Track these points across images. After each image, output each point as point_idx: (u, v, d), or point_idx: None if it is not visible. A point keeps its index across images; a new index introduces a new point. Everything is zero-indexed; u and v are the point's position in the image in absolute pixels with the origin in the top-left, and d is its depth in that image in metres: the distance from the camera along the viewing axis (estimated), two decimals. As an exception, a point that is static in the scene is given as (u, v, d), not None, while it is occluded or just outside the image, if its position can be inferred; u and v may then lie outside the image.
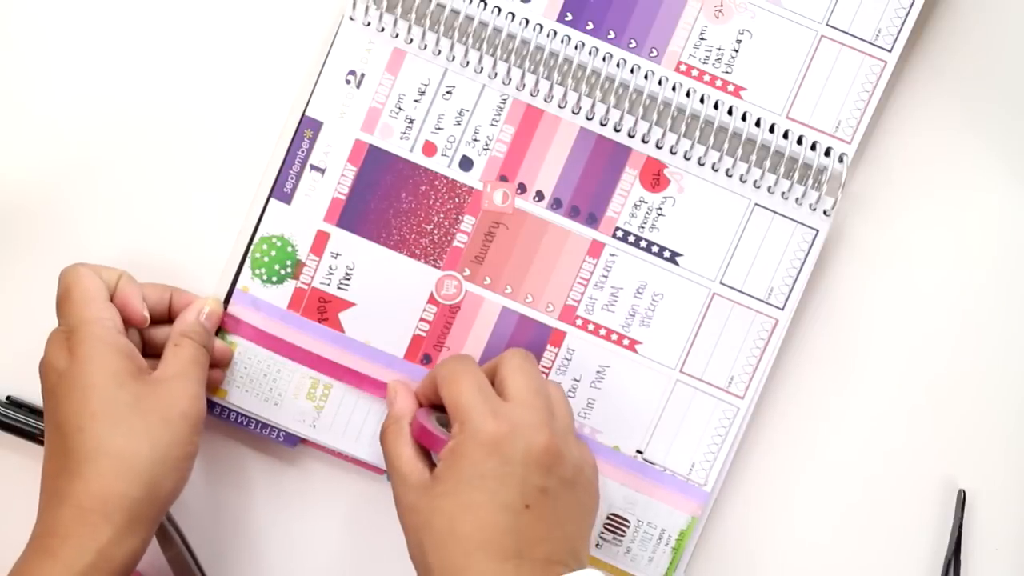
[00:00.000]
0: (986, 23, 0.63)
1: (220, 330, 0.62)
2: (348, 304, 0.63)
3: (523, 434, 0.54)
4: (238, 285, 0.62)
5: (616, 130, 0.61)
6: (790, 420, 0.64)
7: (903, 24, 0.61)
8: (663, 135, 0.61)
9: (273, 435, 0.63)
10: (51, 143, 0.64)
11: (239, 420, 0.63)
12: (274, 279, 0.62)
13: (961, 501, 0.63)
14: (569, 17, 0.62)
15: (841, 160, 0.61)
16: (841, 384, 0.64)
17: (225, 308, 0.63)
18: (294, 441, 0.63)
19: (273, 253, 0.62)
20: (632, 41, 0.62)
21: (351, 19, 0.61)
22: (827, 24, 0.61)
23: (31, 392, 0.64)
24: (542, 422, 0.55)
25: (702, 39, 0.62)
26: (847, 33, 0.61)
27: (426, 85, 0.62)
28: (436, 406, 0.60)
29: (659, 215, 0.62)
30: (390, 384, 0.61)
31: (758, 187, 0.61)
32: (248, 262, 0.62)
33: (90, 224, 0.64)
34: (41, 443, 0.63)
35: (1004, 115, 0.63)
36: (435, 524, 0.54)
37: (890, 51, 0.61)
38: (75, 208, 0.64)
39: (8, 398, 0.64)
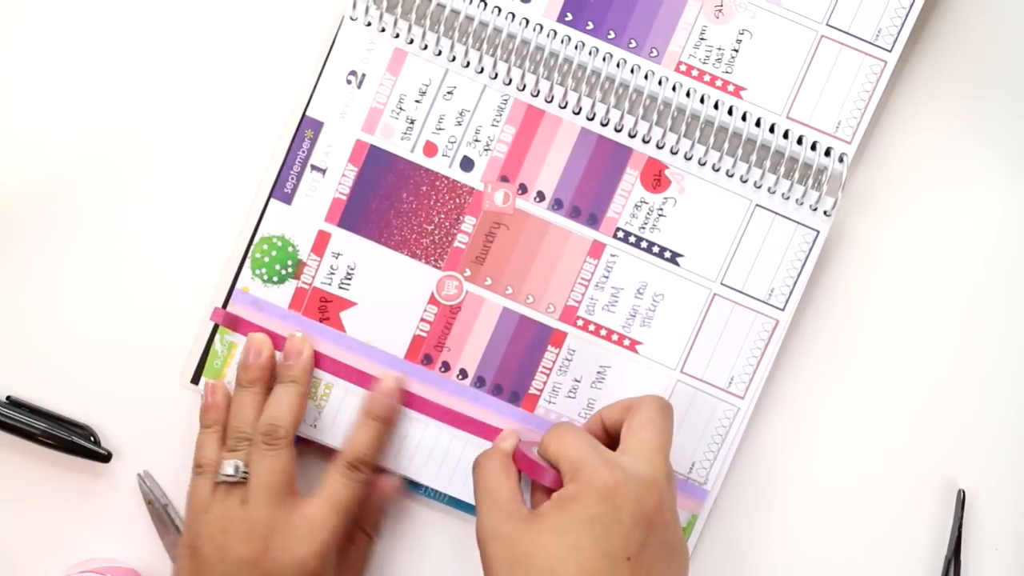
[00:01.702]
0: (986, 23, 0.63)
1: (220, 329, 0.62)
2: (349, 304, 0.63)
3: (636, 487, 0.53)
4: (238, 285, 0.62)
5: (617, 130, 0.62)
6: (790, 420, 0.64)
7: (903, 24, 0.61)
8: (663, 135, 0.61)
9: (273, 435, 0.64)
10: (52, 143, 0.64)
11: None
12: (275, 279, 0.62)
13: (961, 501, 0.63)
14: (569, 17, 0.62)
15: (841, 160, 0.61)
16: (841, 384, 0.64)
17: (225, 307, 0.63)
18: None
19: (274, 253, 0.62)
20: (632, 41, 0.62)
21: (352, 19, 0.61)
22: (827, 24, 0.61)
23: (31, 392, 0.64)
24: (656, 482, 0.54)
25: (702, 39, 0.62)
26: (847, 33, 0.61)
27: (427, 86, 0.62)
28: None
29: (660, 216, 0.62)
30: (503, 432, 0.62)
31: (759, 187, 0.61)
32: (248, 262, 0.62)
33: (90, 224, 0.64)
34: (41, 443, 0.63)
35: (1004, 115, 0.63)
36: (536, 561, 0.53)
37: (890, 51, 0.61)
38: (75, 209, 0.64)
39: (8, 398, 0.64)
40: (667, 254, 0.62)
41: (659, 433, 0.56)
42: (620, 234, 0.62)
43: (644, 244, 0.62)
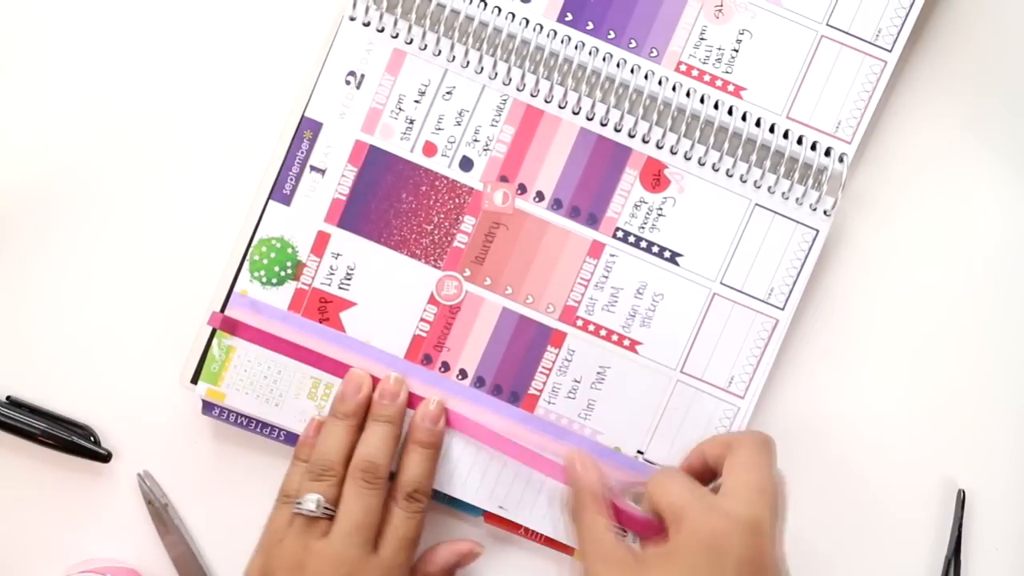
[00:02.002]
0: (986, 23, 0.63)
1: (218, 333, 0.62)
2: (349, 304, 0.63)
3: (741, 534, 0.52)
4: (237, 288, 0.62)
5: (616, 130, 0.61)
6: (790, 420, 0.64)
7: (903, 24, 0.61)
8: (663, 135, 0.61)
9: (274, 435, 0.63)
10: (51, 144, 0.64)
11: (239, 421, 0.63)
12: (273, 281, 0.62)
13: (961, 501, 0.63)
14: (569, 17, 0.62)
15: (841, 160, 0.61)
16: (840, 384, 0.64)
17: (223, 311, 0.63)
18: (295, 440, 0.63)
19: (272, 255, 0.62)
20: (632, 41, 0.62)
21: (351, 19, 0.61)
22: (827, 24, 0.61)
23: (31, 392, 0.64)
24: (760, 525, 0.52)
25: (702, 39, 0.62)
26: (847, 33, 0.61)
27: (426, 86, 0.62)
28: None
29: (659, 215, 0.62)
30: (568, 454, 0.60)
31: (758, 187, 0.61)
32: (246, 264, 0.62)
33: (89, 225, 0.64)
34: (41, 443, 0.63)
35: (1004, 114, 0.63)
36: None
37: (890, 51, 0.61)
38: (75, 209, 0.64)
39: (8, 398, 0.64)
40: (667, 254, 0.62)
41: (761, 472, 0.54)
42: (619, 234, 0.62)
43: (643, 244, 0.62)
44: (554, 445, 0.62)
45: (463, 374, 0.63)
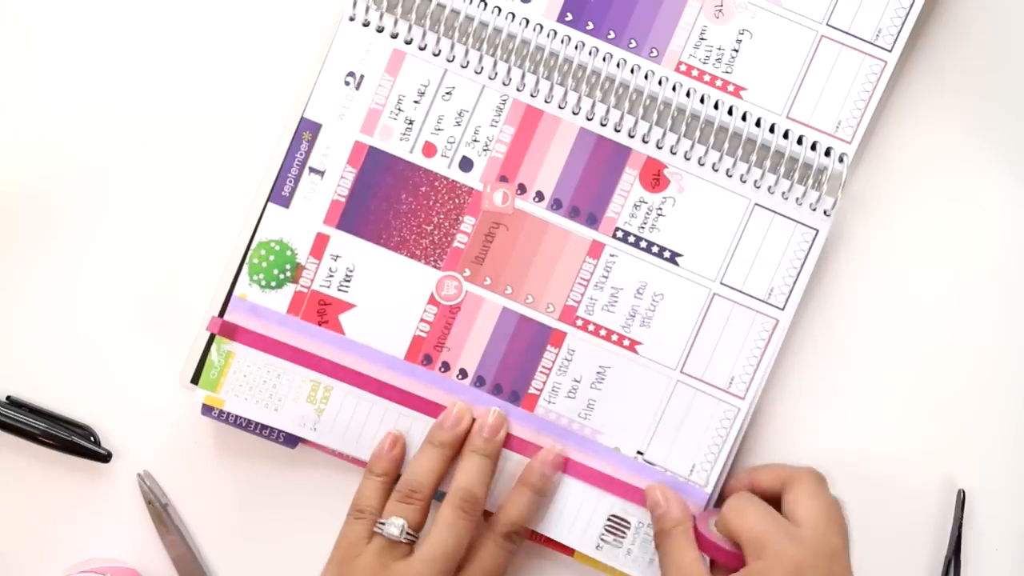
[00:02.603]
0: (986, 23, 0.63)
1: (217, 338, 0.62)
2: (349, 306, 0.62)
3: (822, 562, 0.55)
4: (236, 292, 0.62)
5: (616, 130, 0.61)
6: (790, 420, 0.64)
7: (903, 24, 0.61)
8: (663, 135, 0.61)
9: (273, 436, 0.63)
10: (51, 145, 0.64)
11: (238, 422, 0.63)
12: (272, 284, 0.62)
13: (961, 501, 0.63)
14: (569, 17, 0.62)
15: (841, 160, 0.61)
16: (841, 384, 0.64)
17: (222, 315, 0.62)
18: (294, 442, 0.63)
19: (272, 258, 0.62)
20: (632, 41, 0.62)
21: (351, 19, 0.61)
22: (827, 24, 0.61)
23: (31, 392, 0.64)
24: (837, 551, 0.56)
25: (702, 39, 0.62)
26: (847, 33, 0.61)
27: (426, 86, 0.62)
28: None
29: (659, 215, 0.62)
30: (649, 489, 0.62)
31: (758, 187, 0.61)
32: (245, 268, 0.62)
33: (89, 226, 0.64)
34: (41, 443, 0.63)
35: (1004, 114, 0.63)
36: None
37: (890, 51, 0.61)
38: (75, 210, 0.64)
39: (8, 398, 0.64)
40: (666, 254, 0.62)
41: (829, 505, 0.58)
42: (619, 234, 0.62)
43: (643, 244, 0.62)
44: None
45: (463, 374, 0.63)
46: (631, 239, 0.62)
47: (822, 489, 0.59)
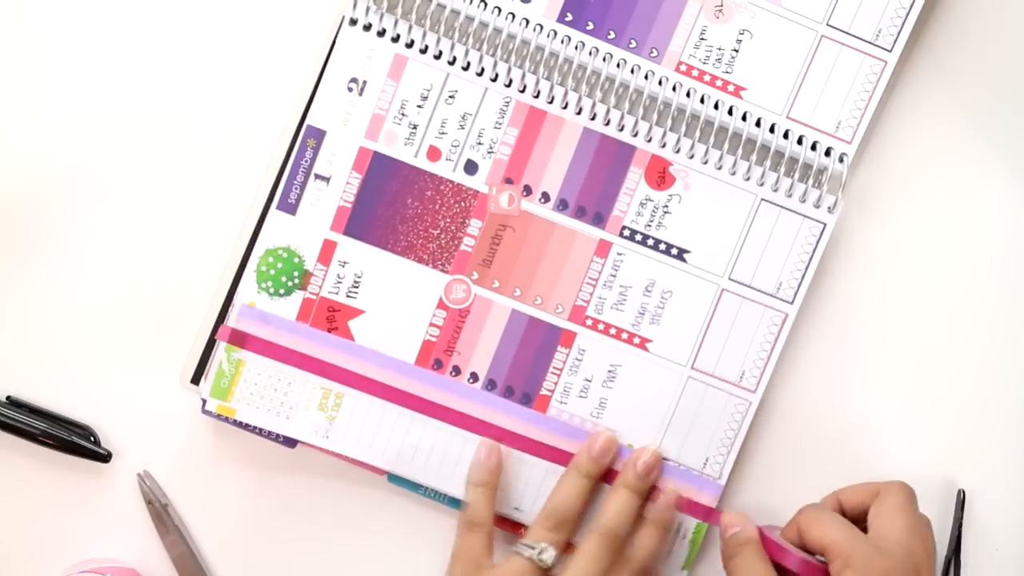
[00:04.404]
0: (986, 23, 0.64)
1: (227, 346, 0.61)
2: (357, 312, 0.62)
3: (909, 572, 0.56)
4: (245, 300, 0.61)
5: (620, 129, 0.62)
6: (795, 416, 0.64)
7: (903, 24, 0.62)
8: (664, 135, 0.62)
9: (273, 436, 0.63)
10: (53, 147, 0.63)
11: (238, 422, 0.62)
12: (281, 291, 0.62)
13: (961, 501, 0.64)
14: (569, 17, 0.62)
15: (841, 160, 0.62)
16: (841, 385, 0.65)
17: (223, 316, 0.62)
18: (294, 442, 0.63)
19: (280, 265, 0.61)
20: (632, 41, 0.62)
21: (352, 21, 0.61)
22: (827, 24, 0.62)
23: (31, 392, 0.63)
24: (921, 565, 0.57)
25: (702, 39, 0.62)
26: (847, 33, 0.62)
27: (428, 90, 0.61)
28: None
29: (665, 212, 0.62)
30: (723, 515, 0.62)
31: (762, 185, 0.62)
32: (253, 276, 0.61)
33: (90, 227, 0.63)
34: (41, 443, 0.62)
35: (1004, 114, 0.64)
36: None
37: (890, 51, 0.62)
38: (76, 212, 0.63)
39: (8, 398, 0.63)
40: (674, 251, 0.63)
41: (914, 516, 0.58)
42: (626, 232, 0.62)
43: (651, 242, 0.63)
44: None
45: (474, 377, 0.63)
46: (638, 237, 0.62)
47: (910, 503, 0.59)
